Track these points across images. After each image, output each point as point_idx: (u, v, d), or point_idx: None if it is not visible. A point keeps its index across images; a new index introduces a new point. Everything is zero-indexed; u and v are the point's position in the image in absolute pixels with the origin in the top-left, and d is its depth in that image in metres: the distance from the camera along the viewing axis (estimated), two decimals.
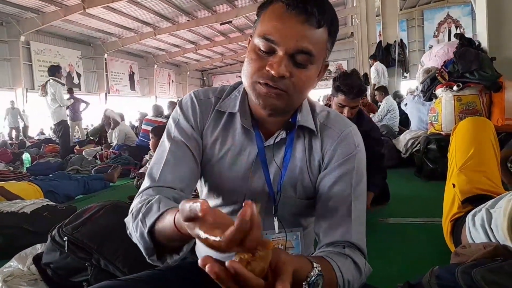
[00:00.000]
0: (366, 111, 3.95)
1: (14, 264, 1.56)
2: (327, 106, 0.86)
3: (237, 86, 0.83)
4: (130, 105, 17.31)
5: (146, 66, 20.27)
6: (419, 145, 3.70)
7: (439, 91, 3.53)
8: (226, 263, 0.42)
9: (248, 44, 0.72)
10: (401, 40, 8.51)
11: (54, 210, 2.29)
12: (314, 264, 0.58)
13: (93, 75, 16.55)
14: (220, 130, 0.80)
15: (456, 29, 19.05)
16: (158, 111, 6.05)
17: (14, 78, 12.35)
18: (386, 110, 5.75)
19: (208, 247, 0.43)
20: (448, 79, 3.48)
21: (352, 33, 18.29)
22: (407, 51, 10.48)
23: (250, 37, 0.72)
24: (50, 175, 3.68)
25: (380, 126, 5.16)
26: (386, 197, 2.50)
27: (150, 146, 3.84)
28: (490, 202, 1.30)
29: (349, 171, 0.75)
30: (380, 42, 8.54)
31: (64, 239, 1.45)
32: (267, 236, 0.78)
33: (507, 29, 3.59)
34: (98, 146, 6.82)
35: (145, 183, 0.75)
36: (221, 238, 0.41)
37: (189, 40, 18.19)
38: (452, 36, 16.53)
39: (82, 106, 7.67)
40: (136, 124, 9.42)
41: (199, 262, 0.42)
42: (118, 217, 0.73)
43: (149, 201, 0.65)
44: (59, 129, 5.97)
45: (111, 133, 6.43)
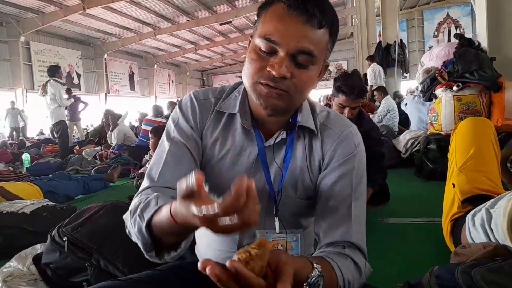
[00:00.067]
0: (366, 111, 3.94)
1: (14, 264, 1.56)
2: (327, 106, 0.86)
3: (237, 86, 0.83)
4: (130, 105, 17.26)
5: (146, 66, 20.27)
6: (419, 145, 3.70)
7: (439, 91, 3.53)
8: (227, 264, 0.42)
9: (248, 44, 0.72)
10: (401, 40, 8.52)
11: (54, 210, 2.29)
12: (315, 264, 0.58)
13: (93, 75, 16.55)
14: (220, 131, 0.79)
15: (456, 29, 19.07)
16: (157, 111, 6.06)
17: (14, 78, 12.36)
18: (385, 110, 5.76)
19: (204, 226, 0.43)
20: (448, 79, 3.48)
21: (352, 33, 18.31)
22: (407, 51, 10.48)
23: (251, 37, 0.72)
24: (50, 175, 3.67)
25: (380, 126, 5.16)
26: (386, 197, 2.51)
27: (149, 146, 3.84)
28: (490, 202, 1.30)
29: (349, 171, 0.75)
30: (380, 42, 8.55)
31: (63, 239, 1.45)
32: (268, 235, 0.78)
33: (507, 29, 3.59)
34: (98, 146, 6.82)
35: (144, 184, 0.75)
36: (217, 208, 0.41)
37: (189, 40, 18.20)
38: (452, 36, 16.54)
39: (81, 106, 7.68)
40: (136, 124, 9.41)
41: (199, 265, 0.42)
42: (118, 217, 0.73)
43: (147, 198, 0.66)
44: (57, 129, 5.98)
45: (110, 135, 6.44)
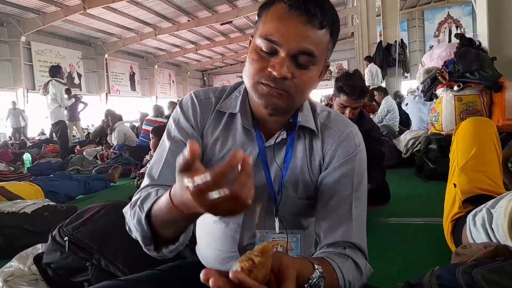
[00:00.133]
0: (367, 112, 3.94)
1: (14, 264, 1.56)
2: (328, 106, 0.86)
3: (237, 86, 0.83)
4: (130, 105, 17.32)
5: (147, 66, 20.27)
6: (420, 145, 3.70)
7: (440, 91, 3.53)
8: (230, 275, 0.41)
9: (249, 44, 0.72)
10: (401, 40, 8.52)
11: (55, 210, 2.29)
12: (315, 265, 0.58)
13: (93, 75, 16.56)
14: (220, 130, 0.79)
15: (456, 29, 19.03)
16: (158, 111, 6.06)
17: (14, 79, 12.36)
18: (386, 111, 5.75)
19: (196, 201, 0.42)
20: (448, 79, 3.48)
21: (352, 33, 18.29)
22: (408, 51, 10.48)
23: (251, 37, 0.72)
24: (51, 175, 3.68)
25: (380, 126, 5.16)
26: (387, 197, 2.51)
27: (150, 146, 3.85)
28: (490, 202, 1.30)
29: (349, 171, 0.75)
30: (380, 42, 8.54)
31: (64, 239, 1.45)
32: (268, 235, 0.78)
33: (508, 29, 3.59)
34: (98, 146, 6.83)
35: (144, 182, 0.75)
36: (208, 176, 0.40)
37: (189, 40, 18.20)
38: (452, 36, 16.50)
39: (80, 106, 7.67)
40: (136, 124, 9.42)
41: (201, 277, 0.42)
42: (119, 217, 0.73)
43: (148, 192, 0.67)
44: (57, 129, 5.99)
45: (110, 136, 6.45)
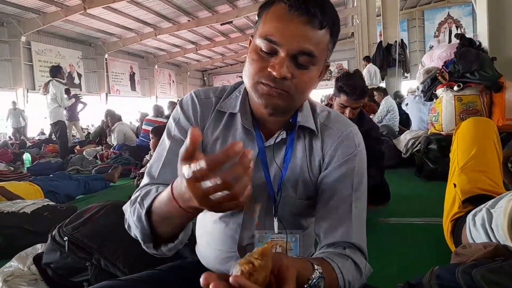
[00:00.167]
0: (367, 112, 3.94)
1: (14, 264, 1.56)
2: (329, 106, 0.86)
3: (237, 86, 0.83)
4: (130, 105, 17.32)
5: (147, 66, 20.27)
6: (420, 145, 3.69)
7: (440, 91, 3.53)
8: (230, 279, 0.41)
9: (249, 44, 0.72)
10: (401, 40, 8.52)
11: (55, 210, 2.29)
12: (315, 266, 0.58)
13: (93, 75, 16.56)
14: (220, 130, 0.79)
15: (456, 29, 19.03)
16: (158, 111, 6.07)
17: (14, 79, 12.37)
18: (385, 111, 5.75)
19: (191, 190, 0.43)
20: (448, 79, 3.48)
21: (352, 33, 18.29)
22: (408, 51, 10.48)
23: (251, 37, 0.72)
24: (51, 175, 3.68)
25: (380, 127, 5.16)
26: (387, 197, 2.51)
27: (150, 146, 3.85)
28: (490, 202, 1.30)
29: (349, 172, 0.75)
30: (380, 42, 8.55)
31: (64, 239, 1.45)
32: (266, 235, 0.78)
33: (508, 29, 3.59)
34: (98, 146, 6.82)
35: (144, 181, 0.76)
36: (204, 163, 0.41)
37: (189, 40, 18.20)
38: (452, 36, 16.50)
39: (80, 106, 7.66)
40: (136, 124, 9.42)
41: (201, 281, 0.42)
42: (119, 217, 0.73)
43: (148, 189, 0.67)
44: (56, 129, 6.00)
45: (110, 138, 6.45)
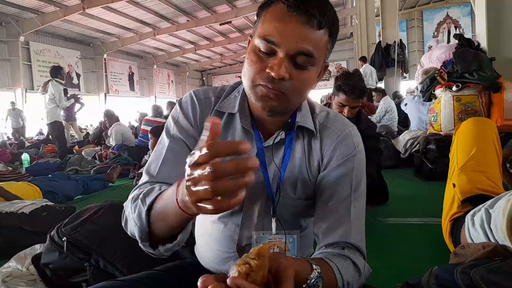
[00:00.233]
0: (366, 112, 3.94)
1: (13, 264, 1.55)
2: (328, 105, 0.86)
3: (236, 86, 0.83)
4: (129, 105, 17.29)
5: (146, 67, 20.25)
6: (418, 145, 3.70)
7: (439, 92, 3.53)
8: (228, 281, 0.41)
9: (248, 44, 0.72)
10: (400, 40, 8.52)
11: (53, 210, 2.28)
12: (314, 266, 0.58)
13: (92, 75, 16.53)
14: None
15: (455, 29, 19.07)
16: (157, 112, 6.07)
17: (13, 79, 12.33)
18: (384, 111, 5.76)
19: (193, 183, 0.43)
20: (447, 80, 3.49)
21: (351, 33, 18.31)
22: (407, 52, 10.48)
23: (250, 37, 0.72)
24: (49, 175, 3.66)
25: (379, 127, 5.17)
26: (385, 197, 2.51)
27: (149, 147, 3.84)
28: (489, 202, 1.30)
29: (348, 172, 0.75)
30: (379, 42, 8.55)
31: (63, 240, 1.45)
32: (264, 236, 0.77)
33: (507, 29, 3.60)
34: (97, 146, 6.81)
35: (143, 179, 0.75)
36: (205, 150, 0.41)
37: (188, 40, 18.18)
38: (451, 36, 16.55)
39: (77, 106, 7.64)
40: (135, 124, 9.41)
41: (199, 284, 0.42)
42: (117, 217, 0.72)
43: (151, 186, 0.66)
44: (52, 129, 5.99)
45: (108, 139, 6.44)
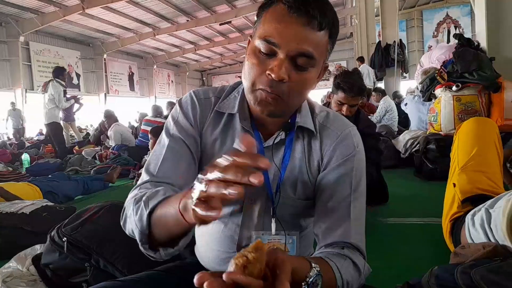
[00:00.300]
0: (366, 112, 3.94)
1: (13, 264, 1.55)
2: (327, 104, 0.86)
3: (236, 86, 0.83)
4: (129, 105, 17.29)
5: (146, 67, 20.24)
6: (419, 145, 3.70)
7: (438, 91, 3.53)
8: (224, 277, 0.41)
9: (247, 44, 0.72)
10: (400, 40, 8.52)
11: (54, 210, 2.28)
12: (313, 264, 0.58)
13: (92, 76, 16.52)
14: (219, 131, 0.79)
15: (455, 29, 19.06)
16: (157, 112, 6.07)
17: (13, 79, 12.32)
18: (384, 111, 5.76)
19: (203, 208, 0.42)
20: (447, 79, 3.49)
21: (351, 33, 18.30)
22: (407, 51, 10.48)
23: (250, 37, 0.72)
24: (49, 176, 3.66)
25: (379, 127, 5.17)
26: (385, 197, 2.51)
27: (149, 147, 3.85)
28: (489, 202, 1.30)
29: (348, 172, 0.75)
30: (379, 42, 8.55)
31: (63, 240, 1.45)
32: (264, 237, 0.77)
33: (506, 29, 3.60)
34: (97, 147, 6.82)
35: (143, 178, 0.75)
36: (227, 161, 0.41)
37: (188, 40, 18.18)
38: (451, 36, 16.55)
39: (76, 107, 7.64)
40: (135, 124, 9.40)
41: (195, 281, 0.42)
42: (117, 217, 0.72)
43: (155, 189, 0.66)
44: (50, 130, 5.99)
45: (108, 141, 6.45)
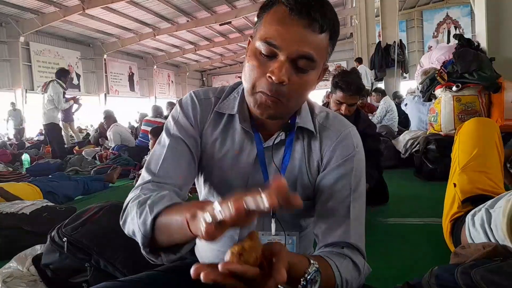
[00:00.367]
0: (366, 112, 3.94)
1: (13, 265, 1.55)
2: (326, 104, 0.86)
3: (236, 86, 0.83)
4: (129, 105, 17.29)
5: (146, 67, 20.24)
6: (419, 145, 3.70)
7: (439, 92, 3.53)
8: (219, 267, 0.41)
9: (248, 44, 0.72)
10: (400, 40, 8.52)
11: (54, 211, 2.28)
12: (312, 260, 0.58)
13: (92, 76, 16.52)
14: (220, 131, 0.80)
15: (455, 29, 19.05)
16: (157, 112, 6.07)
17: (13, 79, 12.31)
18: (384, 111, 5.76)
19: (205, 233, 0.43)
20: (447, 80, 3.49)
21: (351, 33, 18.31)
22: (407, 52, 10.48)
23: (251, 37, 0.72)
24: (50, 176, 3.67)
25: (379, 127, 5.17)
26: (385, 197, 2.51)
27: (149, 147, 3.85)
28: (489, 202, 1.30)
29: (348, 172, 0.75)
30: (379, 42, 8.55)
31: (63, 240, 1.45)
32: (264, 237, 0.78)
33: (506, 29, 3.60)
34: (97, 147, 6.82)
35: (144, 177, 0.74)
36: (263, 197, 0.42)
37: (188, 40, 18.18)
38: (451, 36, 16.56)
39: (74, 107, 7.65)
40: (135, 124, 9.41)
41: (192, 273, 0.42)
42: (118, 218, 0.72)
43: (161, 193, 0.65)
44: (48, 131, 5.99)
45: (108, 142, 6.45)
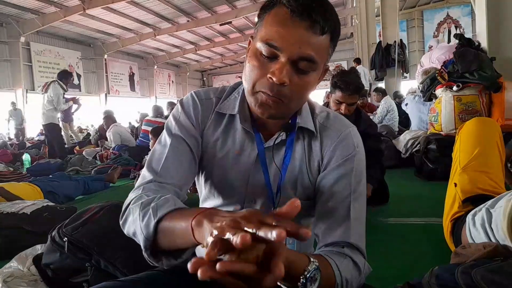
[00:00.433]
0: (366, 112, 3.93)
1: (14, 264, 1.56)
2: (326, 104, 0.86)
3: (236, 86, 0.83)
4: (130, 105, 17.30)
5: (146, 67, 20.25)
6: (419, 145, 3.70)
7: (439, 91, 3.53)
8: (217, 267, 0.41)
9: (248, 44, 0.72)
10: (401, 40, 8.53)
11: (54, 210, 2.29)
12: (312, 258, 0.57)
13: (93, 76, 16.53)
14: (221, 131, 0.80)
15: (456, 29, 19.04)
16: (158, 112, 6.07)
17: (14, 79, 12.32)
18: (385, 111, 5.76)
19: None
20: (447, 79, 3.48)
21: (352, 33, 18.30)
22: (407, 52, 10.49)
23: (251, 38, 0.72)
24: (50, 176, 3.67)
25: (380, 127, 5.17)
26: (386, 197, 2.51)
27: (150, 147, 3.85)
28: (490, 202, 1.30)
29: (348, 172, 0.75)
30: (380, 42, 8.55)
31: (64, 240, 1.45)
32: None
33: (507, 29, 3.59)
34: (98, 147, 6.82)
35: (145, 176, 0.74)
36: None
37: (189, 40, 18.18)
38: (452, 36, 16.53)
39: (74, 107, 7.65)
40: (136, 124, 9.41)
41: (189, 267, 0.42)
42: (118, 217, 0.72)
43: (164, 196, 0.65)
44: (48, 131, 6.00)
45: (108, 142, 6.46)
